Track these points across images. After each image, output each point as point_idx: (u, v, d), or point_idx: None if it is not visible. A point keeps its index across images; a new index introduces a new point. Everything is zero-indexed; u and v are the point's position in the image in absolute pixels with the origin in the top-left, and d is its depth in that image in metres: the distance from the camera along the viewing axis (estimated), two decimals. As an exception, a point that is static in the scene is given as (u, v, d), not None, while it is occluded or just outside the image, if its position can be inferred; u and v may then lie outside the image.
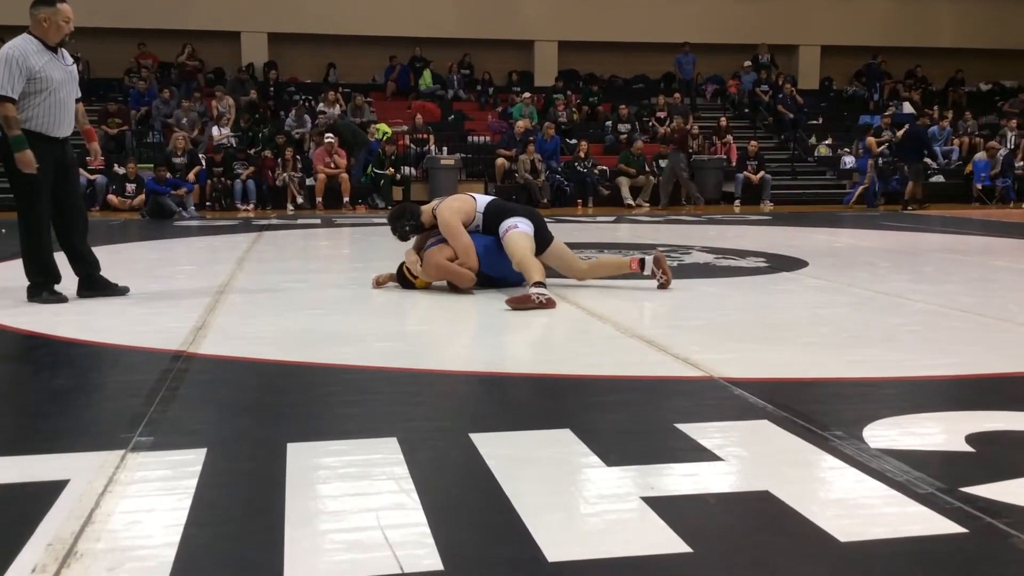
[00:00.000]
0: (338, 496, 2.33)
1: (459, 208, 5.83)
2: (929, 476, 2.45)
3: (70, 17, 5.40)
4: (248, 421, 3.09)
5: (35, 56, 5.29)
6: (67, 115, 5.45)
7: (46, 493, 2.31)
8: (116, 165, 15.29)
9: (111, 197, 14.91)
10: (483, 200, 5.99)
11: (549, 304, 5.15)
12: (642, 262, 6.03)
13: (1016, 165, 18.17)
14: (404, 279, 5.89)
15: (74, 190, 5.64)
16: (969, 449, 2.73)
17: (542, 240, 5.86)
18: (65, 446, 2.73)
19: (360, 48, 20.94)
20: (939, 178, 18.56)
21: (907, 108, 21.23)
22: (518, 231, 5.75)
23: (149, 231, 11.66)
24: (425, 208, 5.98)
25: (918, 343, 4.40)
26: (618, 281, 6.25)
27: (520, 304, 5.13)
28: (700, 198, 16.20)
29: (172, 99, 18.08)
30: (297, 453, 2.64)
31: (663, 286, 5.94)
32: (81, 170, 14.98)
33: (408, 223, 5.93)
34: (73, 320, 4.87)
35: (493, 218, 5.84)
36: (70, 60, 5.54)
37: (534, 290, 5.23)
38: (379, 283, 6.01)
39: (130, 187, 14.89)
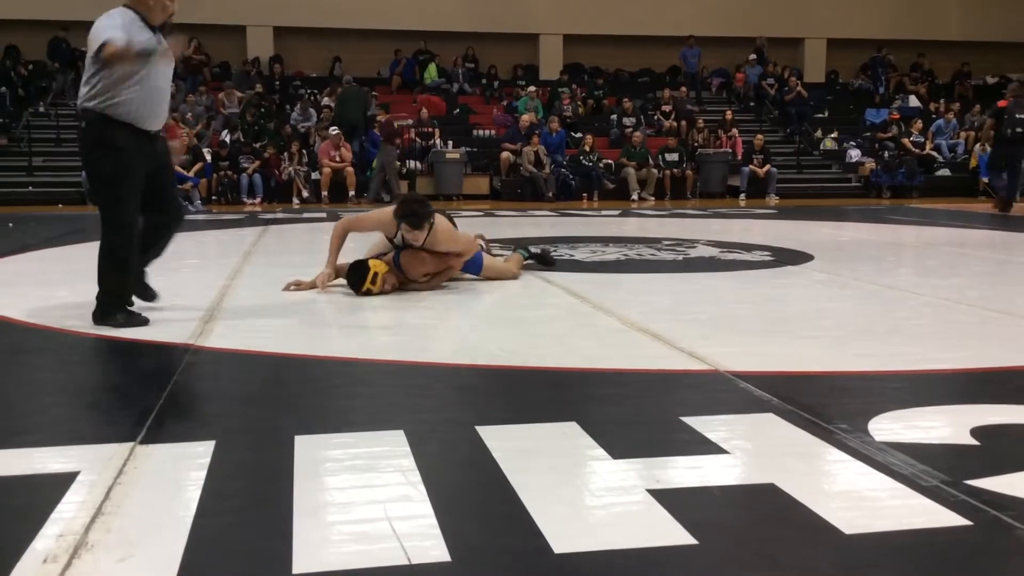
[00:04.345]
0: (345, 488, 2.35)
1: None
2: (934, 469, 2.46)
3: None
4: (256, 413, 3.11)
5: (137, 30, 4.38)
6: (163, 105, 4.59)
7: (57, 484, 2.33)
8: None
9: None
10: None
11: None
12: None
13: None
14: (358, 285, 5.45)
15: (174, 193, 4.90)
16: (974, 442, 2.73)
17: None
18: (75, 438, 2.74)
19: (365, 42, 20.92)
20: (945, 171, 18.52)
21: (913, 101, 21.17)
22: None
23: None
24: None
25: (923, 336, 4.41)
26: (622, 274, 6.27)
27: None
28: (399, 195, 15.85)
29: (179, 93, 18.09)
30: (305, 445, 2.66)
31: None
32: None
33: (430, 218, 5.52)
34: (79, 314, 4.88)
35: None
36: (166, 45, 4.57)
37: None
38: (299, 287, 5.64)
39: (136, 181, 14.91)
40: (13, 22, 18.89)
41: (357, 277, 5.44)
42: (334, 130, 16.26)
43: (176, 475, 2.45)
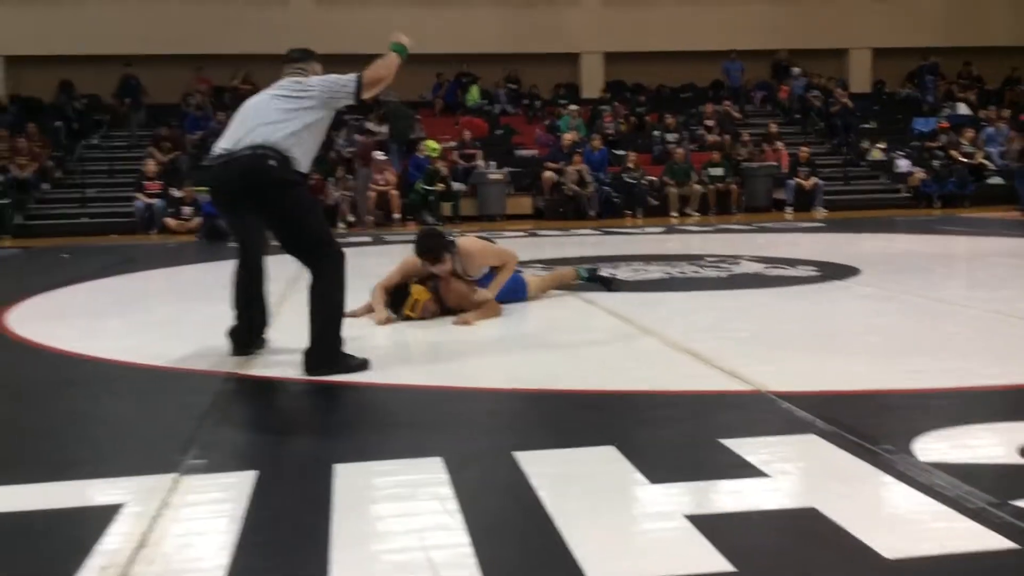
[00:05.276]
0: (384, 517, 2.37)
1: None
2: (980, 490, 2.41)
3: None
4: (297, 442, 3.15)
5: None
6: None
7: (100, 517, 2.37)
8: (172, 189, 15.64)
9: (168, 220, 15.25)
10: None
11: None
12: None
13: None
14: (397, 309, 5.49)
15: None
16: (1023, 462, 2.67)
17: None
18: (119, 470, 2.80)
19: (407, 66, 20.82)
20: (997, 180, 18.16)
21: (962, 109, 20.82)
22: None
23: (205, 253, 11.88)
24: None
25: (972, 351, 4.32)
26: (665, 293, 6.22)
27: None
28: (369, 220, 15.66)
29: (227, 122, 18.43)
30: (344, 474, 2.68)
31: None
32: (139, 194, 15.52)
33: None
34: (129, 345, 4.99)
35: None
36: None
37: None
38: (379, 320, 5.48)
39: (187, 210, 15.20)
40: (67, 58, 19.40)
41: (397, 301, 5.49)
42: (379, 155, 16.43)
43: (218, 505, 2.48)
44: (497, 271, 5.67)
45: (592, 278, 6.52)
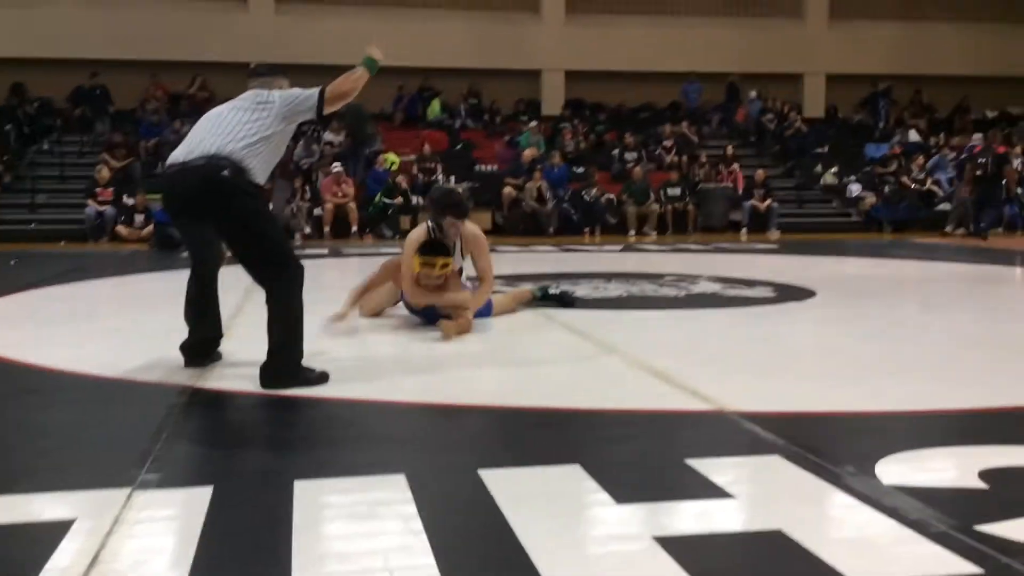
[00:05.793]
0: (345, 536, 2.32)
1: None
2: (943, 514, 2.42)
3: None
4: (255, 457, 3.08)
5: None
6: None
7: (52, 532, 2.29)
8: (125, 196, 15.38)
9: (120, 228, 14.98)
10: None
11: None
12: None
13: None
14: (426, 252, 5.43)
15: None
16: (983, 485, 2.69)
17: None
18: (71, 484, 2.71)
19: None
20: (945, 206, 18.52)
21: (913, 136, 21.23)
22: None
23: (157, 262, 11.68)
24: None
25: (931, 375, 4.37)
26: (624, 311, 6.22)
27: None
28: (303, 228, 15.72)
29: (183, 130, 18.19)
30: (304, 490, 2.62)
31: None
32: (90, 201, 15.23)
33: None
34: (79, 355, 4.87)
35: None
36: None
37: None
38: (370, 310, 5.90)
39: (139, 218, 14.95)
40: (19, 60, 19.02)
41: (431, 250, 5.43)
42: (336, 166, 16.34)
43: (174, 522, 2.42)
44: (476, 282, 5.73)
45: (546, 296, 6.53)
